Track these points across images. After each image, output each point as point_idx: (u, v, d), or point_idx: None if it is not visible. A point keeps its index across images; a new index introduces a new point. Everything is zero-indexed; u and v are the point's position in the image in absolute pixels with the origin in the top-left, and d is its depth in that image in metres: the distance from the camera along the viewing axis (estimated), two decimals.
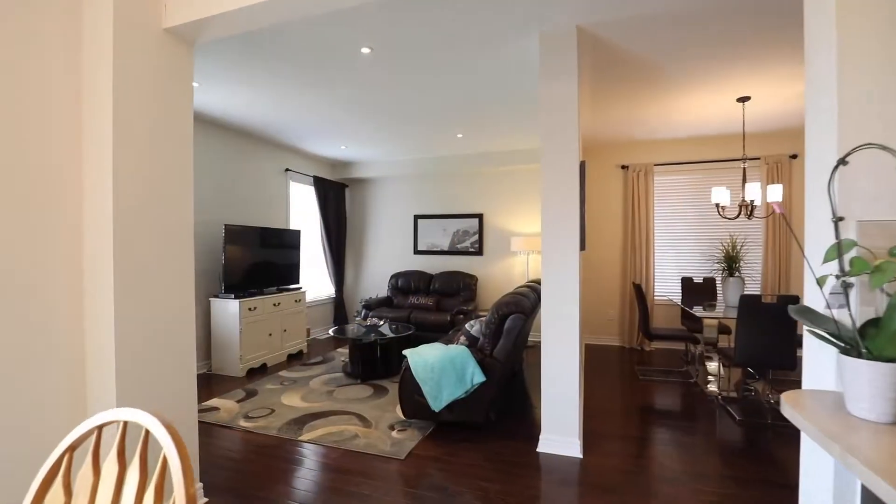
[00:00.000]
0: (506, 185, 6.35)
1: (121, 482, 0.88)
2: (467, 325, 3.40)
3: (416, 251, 6.85)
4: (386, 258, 7.07)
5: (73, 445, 0.91)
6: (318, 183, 6.42)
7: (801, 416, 0.96)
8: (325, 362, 4.99)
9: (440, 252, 6.72)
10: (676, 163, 5.53)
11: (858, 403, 0.92)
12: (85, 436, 0.92)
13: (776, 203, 3.98)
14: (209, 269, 4.71)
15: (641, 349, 5.62)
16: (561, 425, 2.78)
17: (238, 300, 4.45)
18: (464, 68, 3.31)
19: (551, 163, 2.77)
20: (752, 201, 3.82)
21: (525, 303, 3.22)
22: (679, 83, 3.64)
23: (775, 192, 3.78)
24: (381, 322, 4.86)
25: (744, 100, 3.95)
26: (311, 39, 2.87)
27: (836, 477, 1.11)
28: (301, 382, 4.24)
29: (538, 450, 2.81)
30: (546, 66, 2.78)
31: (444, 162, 6.37)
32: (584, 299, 5.62)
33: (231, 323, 4.49)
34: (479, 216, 6.48)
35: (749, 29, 2.75)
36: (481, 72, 3.37)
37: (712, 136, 5.30)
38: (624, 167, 5.78)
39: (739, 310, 3.22)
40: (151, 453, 0.87)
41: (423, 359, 3.07)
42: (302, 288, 5.56)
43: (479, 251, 6.49)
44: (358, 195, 7.26)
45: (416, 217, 6.84)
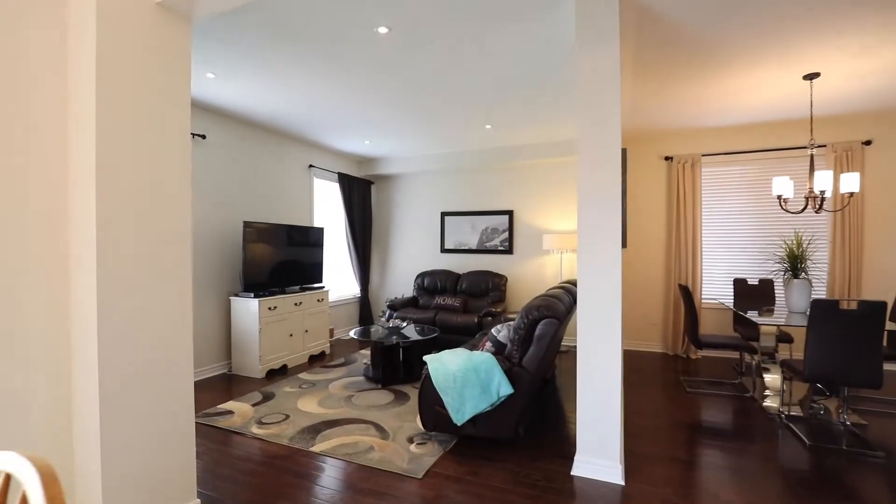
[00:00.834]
0: (537, 179, 5.99)
1: None
2: (493, 330, 3.09)
3: (442, 250, 6.59)
4: (412, 257, 6.84)
5: None
6: (344, 180, 6.26)
7: None
8: (346, 364, 4.80)
9: (468, 250, 6.43)
10: (727, 153, 5.02)
11: None
12: None
13: None
14: (230, 266, 4.61)
15: (686, 357, 5.14)
16: (599, 447, 2.45)
17: (257, 299, 4.32)
18: (490, 48, 3.00)
19: (590, 142, 2.43)
20: (821, 192, 3.34)
21: (558, 306, 2.89)
22: (734, 59, 3.20)
23: (851, 181, 3.29)
24: (405, 324, 4.62)
25: (812, 77, 3.46)
26: (324, 20, 2.64)
27: None
28: (320, 386, 4.05)
29: (573, 473, 2.48)
30: (584, 29, 2.43)
31: (471, 156, 6.07)
32: (624, 301, 5.20)
33: (251, 323, 4.36)
34: (509, 213, 6.14)
35: None
36: (509, 51, 3.06)
37: (769, 123, 4.76)
38: (668, 158, 5.31)
39: (812, 317, 2.78)
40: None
41: (445, 367, 2.80)
42: (325, 287, 5.40)
43: (508, 250, 6.15)
44: (384, 192, 7.06)
45: (443, 214, 6.58)
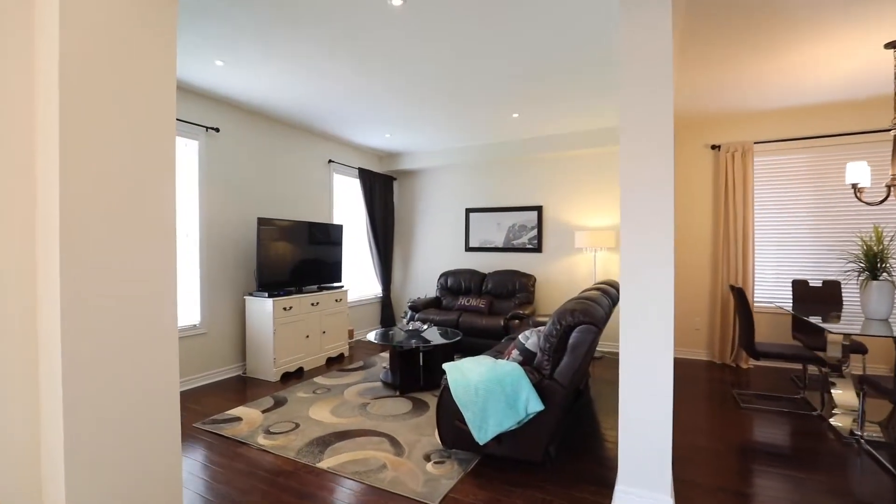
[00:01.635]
0: (568, 172, 5.59)
1: None
2: (521, 336, 2.76)
3: (467, 248, 6.28)
4: (435, 256, 6.56)
5: None
6: (364, 175, 6.03)
7: None
8: (365, 368, 4.56)
9: (494, 249, 6.09)
10: (784, 139, 4.50)
11: None
12: None
13: None
14: (245, 265, 4.45)
15: (736, 366, 4.65)
16: (644, 477, 2.09)
17: (272, 299, 4.13)
18: (517, 23, 2.68)
19: (636, 122, 2.07)
20: None
21: (596, 311, 2.53)
22: (801, 25, 2.76)
23: None
24: (426, 326, 4.34)
25: (894, 45, 2.97)
26: None
27: None
28: (335, 391, 3.82)
29: None
30: None
31: (497, 149, 5.72)
32: None
33: (265, 324, 4.17)
34: (538, 209, 5.76)
35: None
36: (538, 25, 2.72)
37: (835, 103, 4.22)
38: (715, 147, 4.83)
39: None
40: None
41: (466, 378, 2.50)
42: (343, 287, 5.17)
43: (537, 248, 5.78)
44: (406, 188, 6.81)
45: (468, 211, 6.27)
